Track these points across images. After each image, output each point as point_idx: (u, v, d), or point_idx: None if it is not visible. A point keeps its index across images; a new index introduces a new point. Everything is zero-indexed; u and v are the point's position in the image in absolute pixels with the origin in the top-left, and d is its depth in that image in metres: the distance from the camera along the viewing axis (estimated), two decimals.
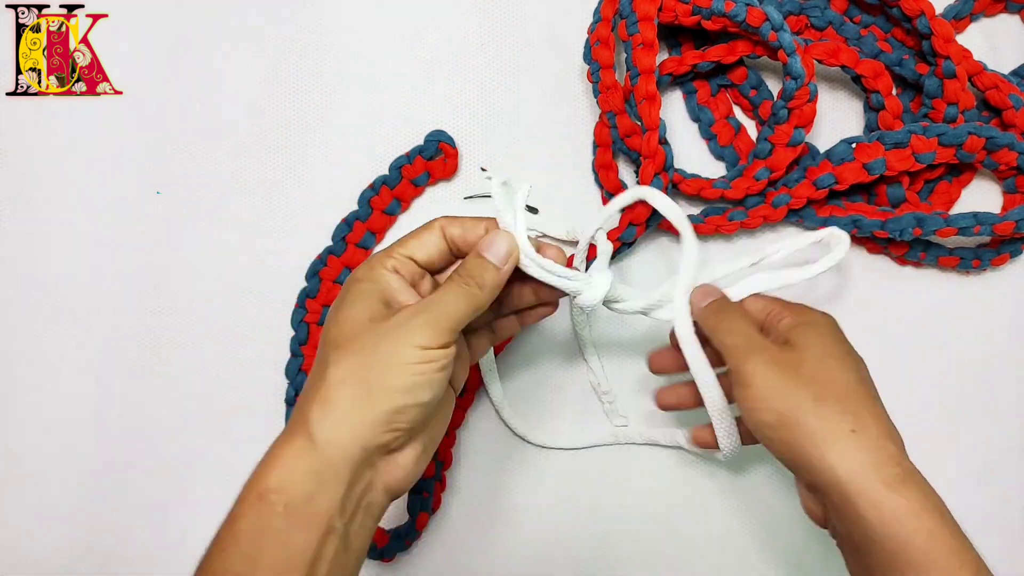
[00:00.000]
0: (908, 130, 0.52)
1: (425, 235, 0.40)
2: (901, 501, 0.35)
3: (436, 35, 0.57)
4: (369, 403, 0.35)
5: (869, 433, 0.37)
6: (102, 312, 0.55)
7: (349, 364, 0.36)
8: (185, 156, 0.56)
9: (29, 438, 0.54)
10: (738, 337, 0.40)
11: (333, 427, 0.35)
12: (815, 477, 0.37)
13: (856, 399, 0.38)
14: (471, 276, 0.38)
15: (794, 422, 0.37)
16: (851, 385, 0.39)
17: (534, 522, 0.54)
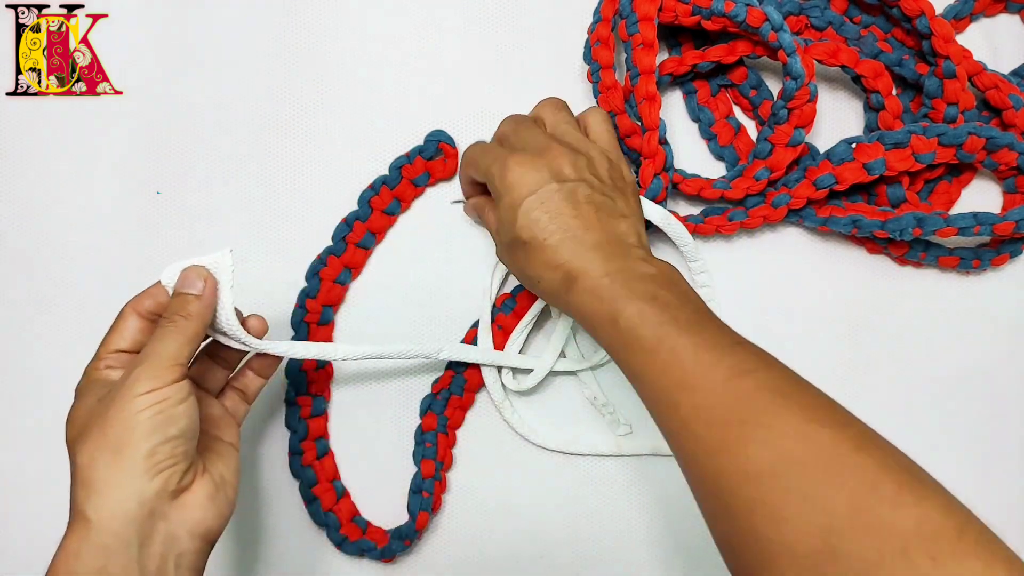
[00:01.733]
0: (908, 130, 0.52)
1: (120, 324, 0.42)
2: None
3: (436, 35, 0.57)
4: (120, 461, 0.36)
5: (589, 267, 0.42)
6: (102, 312, 0.55)
7: (90, 443, 0.37)
8: (185, 156, 0.56)
9: (29, 438, 0.54)
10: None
11: (100, 498, 0.36)
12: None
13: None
14: (175, 312, 0.40)
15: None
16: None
17: (534, 522, 0.54)
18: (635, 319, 0.39)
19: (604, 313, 0.40)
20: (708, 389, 0.36)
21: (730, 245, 0.56)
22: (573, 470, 0.54)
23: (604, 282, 0.41)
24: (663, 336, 0.38)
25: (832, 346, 0.55)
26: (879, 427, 0.55)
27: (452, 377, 0.53)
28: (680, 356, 0.37)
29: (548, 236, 0.43)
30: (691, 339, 0.38)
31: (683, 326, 0.38)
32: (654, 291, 0.40)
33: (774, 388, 0.36)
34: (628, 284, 0.40)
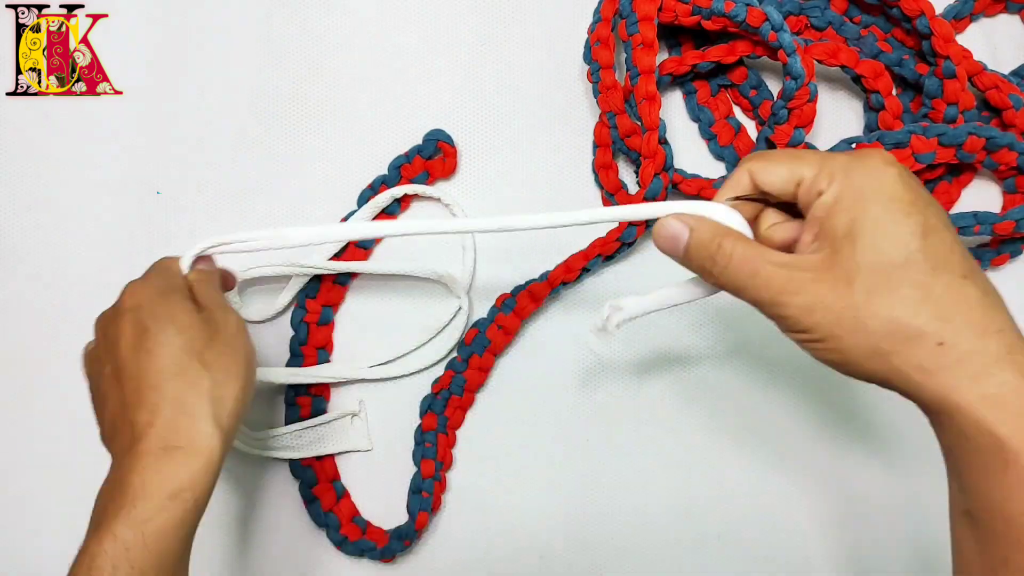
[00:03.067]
0: (908, 130, 0.52)
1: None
2: (1003, 415, 0.29)
3: (436, 34, 0.57)
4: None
5: (959, 338, 0.30)
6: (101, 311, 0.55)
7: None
8: (185, 156, 0.56)
9: (29, 439, 0.54)
10: (745, 288, 0.33)
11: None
12: (900, 391, 0.32)
13: (936, 294, 0.31)
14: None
15: (864, 357, 0.31)
16: (922, 278, 0.31)
17: (534, 522, 0.54)
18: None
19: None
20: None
21: None
22: (573, 470, 0.54)
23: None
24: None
25: None
26: (879, 426, 0.55)
27: (452, 377, 0.53)
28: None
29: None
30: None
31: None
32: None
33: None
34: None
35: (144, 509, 0.35)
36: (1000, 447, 0.29)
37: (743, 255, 0.34)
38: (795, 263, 0.33)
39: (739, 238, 0.34)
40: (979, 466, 0.30)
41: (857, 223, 0.31)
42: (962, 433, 0.30)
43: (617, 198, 0.54)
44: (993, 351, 0.30)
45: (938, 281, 0.31)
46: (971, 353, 0.30)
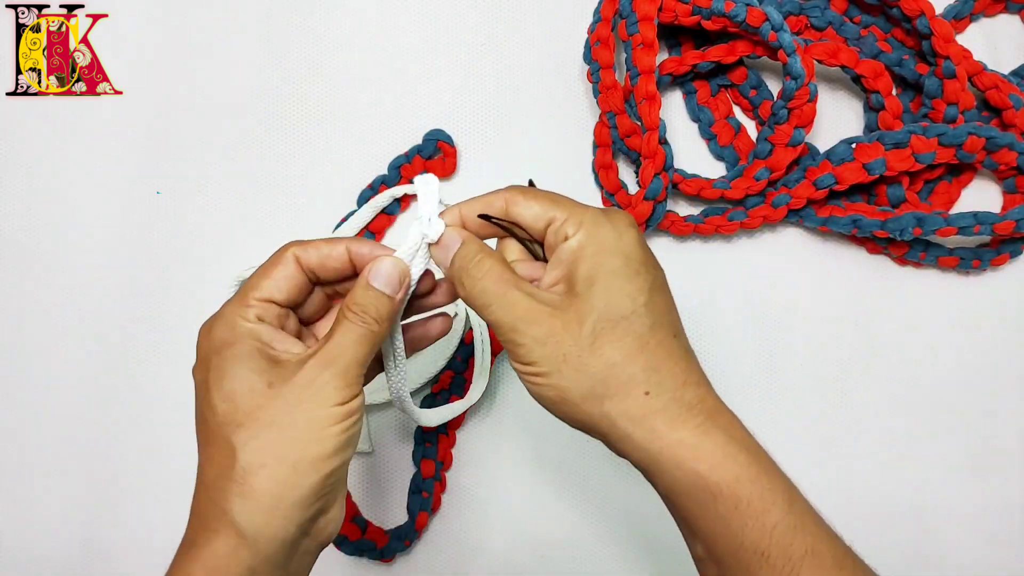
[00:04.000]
0: (908, 130, 0.52)
1: (277, 270, 0.35)
2: (699, 455, 0.33)
3: (436, 34, 0.57)
4: (296, 480, 0.32)
5: (665, 387, 0.33)
6: (102, 311, 0.55)
7: (261, 444, 0.32)
8: (185, 156, 0.56)
9: (29, 438, 0.54)
10: (492, 308, 0.34)
11: (263, 517, 0.32)
12: (607, 440, 0.35)
13: (650, 347, 0.34)
14: (365, 311, 0.34)
15: (579, 398, 0.33)
16: (638, 329, 0.34)
17: (534, 522, 0.54)
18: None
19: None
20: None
21: (730, 245, 0.56)
22: (573, 470, 0.54)
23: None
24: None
25: (832, 346, 0.55)
26: (878, 426, 0.55)
27: (452, 377, 0.53)
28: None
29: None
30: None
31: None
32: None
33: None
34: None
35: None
36: (704, 483, 0.32)
37: (498, 275, 0.35)
38: (538, 296, 0.34)
39: (500, 260, 0.35)
40: (694, 505, 0.33)
41: (596, 272, 0.34)
42: (671, 476, 0.33)
43: (617, 198, 0.54)
44: (688, 400, 0.34)
45: (654, 336, 0.34)
46: (671, 402, 0.33)
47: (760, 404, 0.54)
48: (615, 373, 0.33)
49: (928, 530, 0.53)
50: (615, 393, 0.33)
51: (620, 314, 0.33)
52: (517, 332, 0.34)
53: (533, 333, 0.34)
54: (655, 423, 0.33)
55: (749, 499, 0.32)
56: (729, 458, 0.33)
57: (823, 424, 0.54)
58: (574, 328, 0.33)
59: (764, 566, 0.32)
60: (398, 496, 0.53)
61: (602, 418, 0.34)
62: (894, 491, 0.53)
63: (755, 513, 0.32)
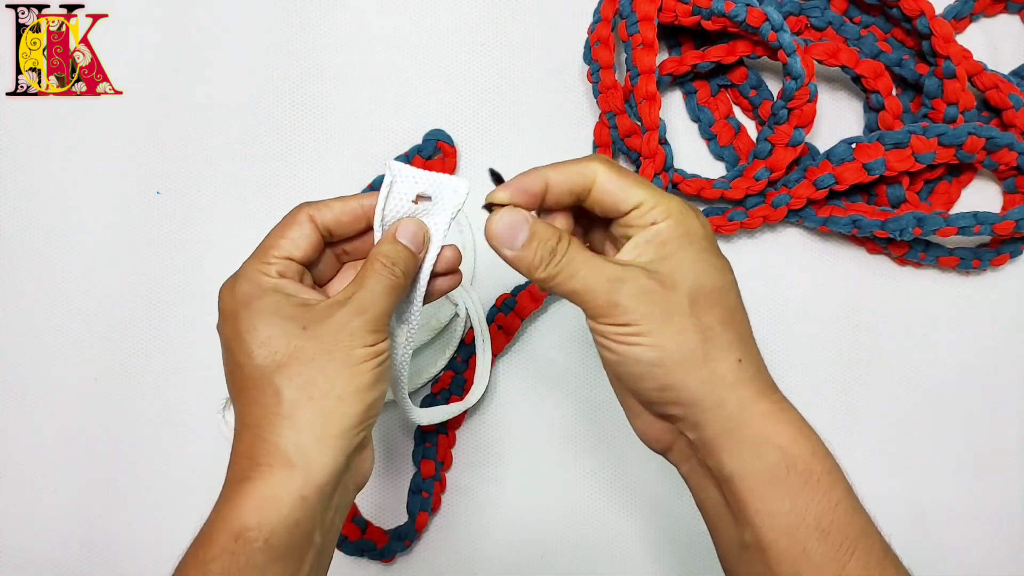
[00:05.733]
0: (908, 130, 0.52)
1: (292, 229, 0.37)
2: (782, 428, 0.34)
3: (436, 34, 0.57)
4: (342, 410, 0.34)
5: (752, 359, 0.35)
6: (102, 311, 0.55)
7: (304, 380, 0.34)
8: (185, 156, 0.56)
9: (29, 438, 0.54)
10: (580, 279, 0.35)
11: (314, 446, 0.33)
12: (685, 409, 0.35)
13: (735, 320, 0.36)
14: (395, 263, 0.36)
15: (677, 359, 0.34)
16: (727, 304, 0.35)
17: (534, 522, 0.54)
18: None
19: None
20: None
21: (730, 245, 0.56)
22: (573, 470, 0.54)
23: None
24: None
25: (832, 346, 0.55)
26: (879, 427, 0.55)
27: (452, 377, 0.53)
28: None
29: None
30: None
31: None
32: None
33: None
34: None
35: (210, 550, 0.33)
36: (782, 455, 0.33)
37: (580, 247, 0.36)
38: (628, 260, 0.35)
39: (571, 235, 0.36)
40: (765, 478, 0.33)
41: (686, 249, 0.35)
42: (750, 446, 0.34)
43: None
44: (767, 379, 0.35)
45: (739, 312, 0.36)
46: (757, 374, 0.35)
47: None
48: (713, 337, 0.34)
49: (928, 530, 0.53)
50: (714, 356, 0.34)
51: (712, 285, 0.35)
52: (615, 291, 0.34)
53: (631, 290, 0.34)
54: (746, 392, 0.34)
55: (820, 474, 0.33)
56: (804, 433, 0.34)
57: (823, 424, 0.54)
58: (671, 290, 0.34)
59: (823, 543, 0.33)
60: (398, 496, 0.53)
61: (700, 383, 0.34)
62: (894, 491, 0.54)
63: (823, 488, 0.33)
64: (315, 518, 0.34)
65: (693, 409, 0.34)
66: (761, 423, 0.34)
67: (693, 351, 0.34)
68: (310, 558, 0.34)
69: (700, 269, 0.35)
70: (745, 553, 0.35)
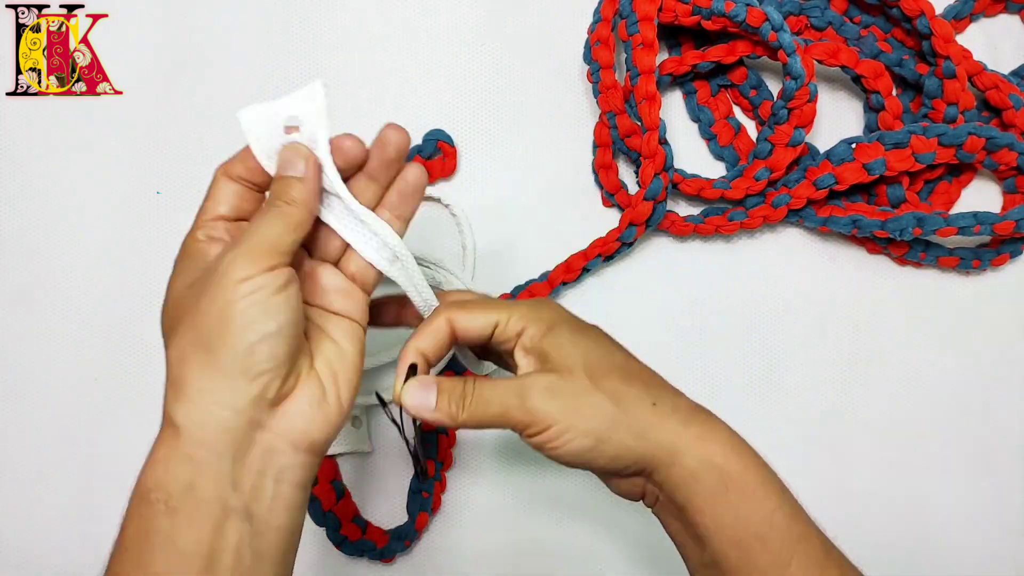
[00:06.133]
0: (908, 130, 0.52)
1: (214, 190, 0.37)
2: (714, 447, 0.37)
3: (436, 34, 0.57)
4: (214, 361, 0.32)
5: (664, 397, 0.38)
6: (101, 311, 0.55)
7: (182, 337, 0.33)
8: (185, 156, 0.56)
9: (29, 438, 0.54)
10: (494, 404, 0.37)
11: (190, 404, 0.32)
12: (639, 464, 0.37)
13: (631, 372, 0.39)
14: (277, 196, 0.35)
15: (607, 433, 0.37)
16: (618, 363, 0.39)
17: (534, 522, 0.54)
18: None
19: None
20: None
21: (730, 245, 0.56)
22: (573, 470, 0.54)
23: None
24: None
25: (832, 346, 0.55)
26: (879, 427, 0.55)
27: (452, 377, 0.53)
28: None
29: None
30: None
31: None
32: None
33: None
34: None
35: (126, 512, 0.34)
36: (719, 472, 0.36)
37: (484, 384, 0.38)
38: (526, 378, 0.37)
39: (471, 378, 0.38)
40: (708, 496, 0.36)
41: (558, 340, 0.38)
42: (692, 474, 0.36)
43: (617, 198, 0.54)
44: (684, 404, 0.38)
45: (629, 365, 0.39)
46: (674, 408, 0.37)
47: (760, 404, 0.54)
48: (621, 396, 0.37)
49: (928, 530, 0.53)
50: (632, 412, 0.37)
51: (598, 357, 0.38)
52: (530, 405, 0.37)
53: (539, 394, 0.37)
54: (671, 425, 0.37)
55: (755, 486, 0.36)
56: (735, 450, 0.37)
57: (823, 424, 0.54)
58: (569, 376, 0.37)
59: (764, 551, 0.36)
60: (398, 496, 0.53)
61: (636, 439, 0.37)
62: (894, 491, 0.54)
63: (759, 499, 0.36)
64: (217, 480, 0.32)
65: (642, 461, 0.37)
66: (696, 447, 0.37)
67: (614, 418, 0.36)
68: (233, 524, 0.32)
69: (580, 347, 0.38)
70: (707, 570, 0.38)
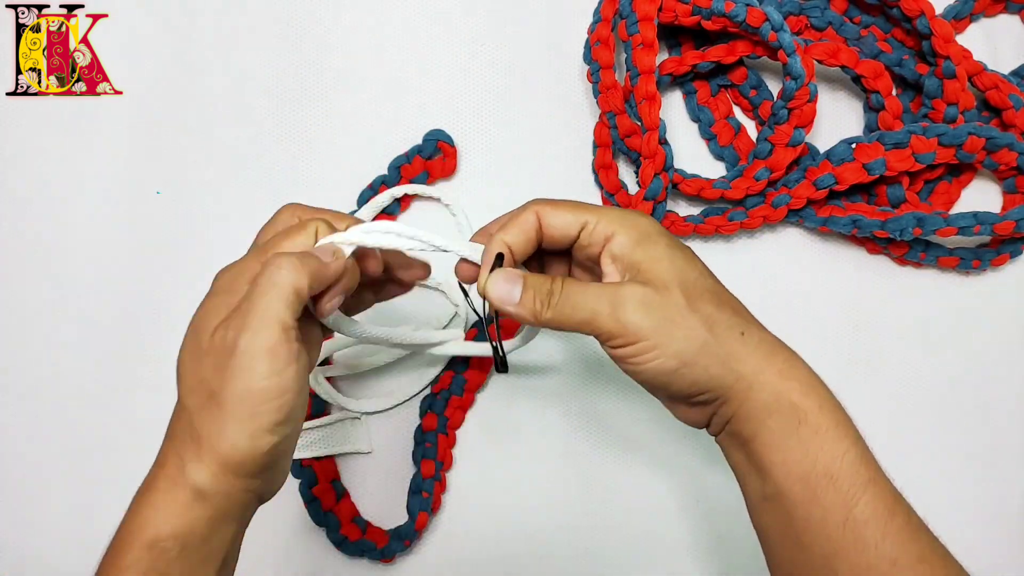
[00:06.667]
0: (908, 130, 0.52)
1: (298, 238, 0.40)
2: (792, 384, 0.37)
3: (436, 34, 0.57)
4: (247, 453, 0.35)
5: (752, 328, 0.38)
6: (101, 311, 0.55)
7: (211, 412, 0.36)
8: (185, 156, 0.56)
9: (29, 438, 0.54)
10: (583, 309, 0.37)
11: (218, 479, 0.35)
12: (715, 392, 0.37)
13: (723, 298, 0.38)
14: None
15: (694, 358, 0.36)
16: (710, 286, 0.38)
17: (534, 522, 0.54)
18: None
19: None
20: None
21: (730, 245, 0.56)
22: (573, 470, 0.54)
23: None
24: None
25: (832, 346, 0.55)
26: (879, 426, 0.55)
27: (452, 377, 0.53)
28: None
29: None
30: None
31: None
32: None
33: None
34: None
35: (125, 557, 0.35)
36: (795, 409, 0.36)
37: (574, 284, 0.38)
38: (618, 282, 0.37)
39: (563, 275, 0.39)
40: (779, 430, 0.36)
41: (653, 253, 0.37)
42: (765, 407, 0.37)
43: (617, 198, 0.54)
44: (769, 339, 0.38)
45: (721, 290, 0.39)
46: (761, 341, 0.38)
47: None
48: (715, 322, 0.37)
49: None
50: (723, 340, 0.37)
51: (692, 277, 0.37)
52: (620, 315, 0.36)
53: (632, 306, 0.36)
54: (756, 359, 0.37)
55: (828, 426, 0.36)
56: (813, 388, 0.37)
57: None
58: (665, 293, 0.36)
59: (831, 489, 0.36)
60: (398, 496, 0.53)
61: (720, 367, 0.37)
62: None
63: (832, 439, 0.36)
64: (226, 537, 0.36)
65: (719, 391, 0.37)
66: (775, 382, 0.37)
67: (705, 343, 0.36)
68: (223, 571, 0.36)
69: (677, 263, 0.37)
70: (767, 503, 0.38)
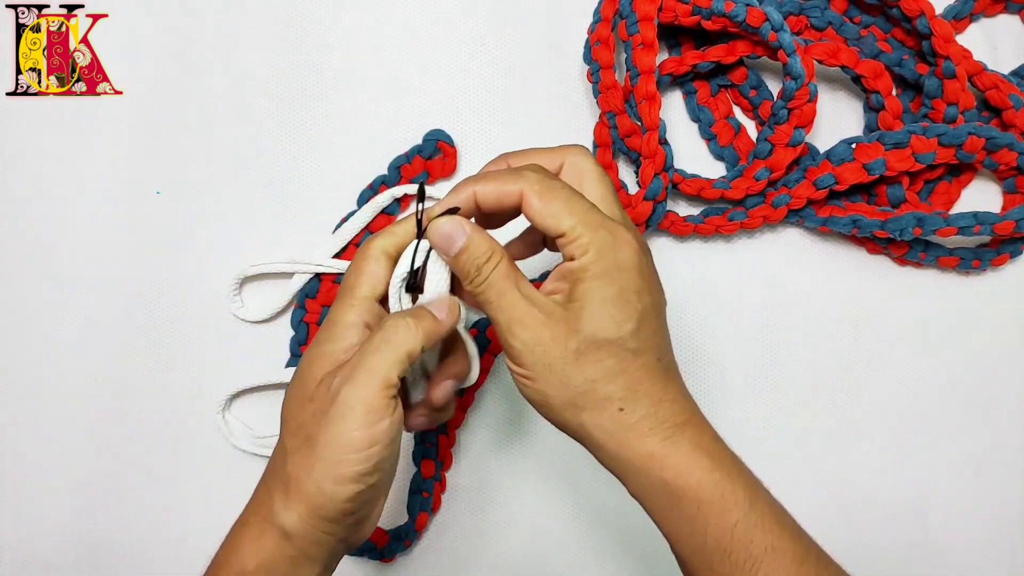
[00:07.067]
0: (908, 130, 0.52)
1: (370, 264, 0.38)
2: (667, 464, 0.35)
3: (436, 34, 0.57)
4: (330, 497, 0.35)
5: (637, 407, 0.36)
6: (101, 312, 0.55)
7: (303, 455, 0.35)
8: (185, 156, 0.56)
9: (29, 438, 0.54)
10: (494, 306, 0.36)
11: (303, 521, 0.35)
12: (594, 453, 0.37)
13: (631, 370, 0.36)
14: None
15: (558, 407, 0.36)
16: (627, 355, 0.36)
17: (534, 522, 0.54)
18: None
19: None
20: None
21: (730, 245, 0.56)
22: (574, 470, 0.54)
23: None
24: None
25: (832, 346, 0.55)
26: (878, 426, 0.55)
27: None
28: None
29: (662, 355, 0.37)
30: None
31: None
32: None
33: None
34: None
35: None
36: (668, 488, 0.35)
37: (504, 274, 0.36)
38: (536, 301, 0.36)
39: (507, 258, 0.37)
40: (661, 508, 0.36)
41: (591, 296, 0.35)
42: (639, 483, 0.36)
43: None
44: (660, 415, 0.36)
45: (636, 360, 0.36)
46: (643, 418, 0.36)
47: (760, 404, 0.54)
48: (593, 389, 0.35)
49: (928, 530, 0.53)
50: (592, 407, 0.36)
51: (605, 338, 0.35)
52: (511, 334, 0.36)
53: (524, 337, 0.36)
54: (627, 436, 0.36)
55: (710, 500, 0.35)
56: (693, 464, 0.35)
57: (823, 423, 0.54)
58: (561, 342, 0.35)
59: (726, 563, 0.35)
60: (398, 496, 0.53)
61: (579, 427, 0.36)
62: (894, 491, 0.54)
63: (716, 513, 0.35)
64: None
65: (583, 444, 0.37)
66: (644, 462, 0.35)
67: (571, 400, 0.36)
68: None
69: (599, 321, 0.35)
70: (683, 569, 0.38)
